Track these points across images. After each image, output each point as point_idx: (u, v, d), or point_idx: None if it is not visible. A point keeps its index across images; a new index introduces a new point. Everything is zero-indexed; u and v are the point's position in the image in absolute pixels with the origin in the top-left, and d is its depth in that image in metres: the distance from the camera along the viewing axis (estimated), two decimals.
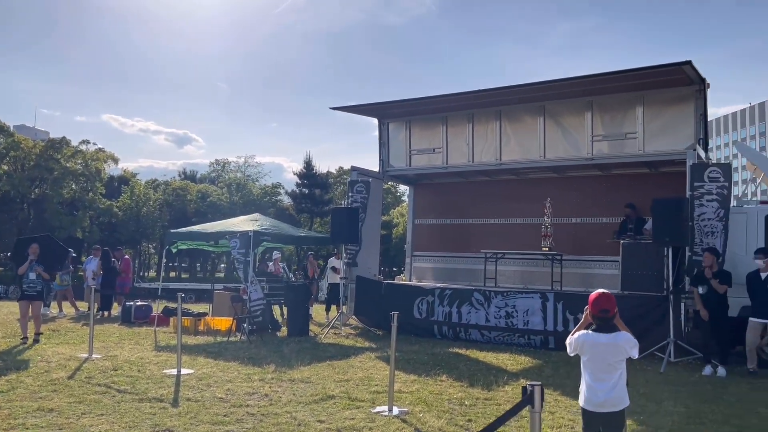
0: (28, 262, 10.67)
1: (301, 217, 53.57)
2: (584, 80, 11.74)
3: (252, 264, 12.51)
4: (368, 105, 14.27)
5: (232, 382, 7.71)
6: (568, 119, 13.16)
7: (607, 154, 12.72)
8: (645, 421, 6.33)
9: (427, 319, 12.65)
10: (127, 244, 57.37)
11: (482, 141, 14.16)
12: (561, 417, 6.39)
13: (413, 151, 15.10)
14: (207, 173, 74.53)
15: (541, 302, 11.51)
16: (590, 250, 13.48)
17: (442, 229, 15.81)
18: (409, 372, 8.66)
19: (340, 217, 13.48)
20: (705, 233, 10.45)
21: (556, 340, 11.19)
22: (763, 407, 7.02)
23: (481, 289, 12.37)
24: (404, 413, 6.41)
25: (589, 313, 4.44)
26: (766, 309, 9.01)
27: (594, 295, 4.43)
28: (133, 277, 39.87)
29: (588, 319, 4.47)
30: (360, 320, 13.81)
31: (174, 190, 60.46)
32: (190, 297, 35.02)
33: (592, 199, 13.85)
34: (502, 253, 13.59)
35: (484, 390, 7.61)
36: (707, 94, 11.44)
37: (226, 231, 13.03)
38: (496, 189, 15.19)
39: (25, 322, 10.73)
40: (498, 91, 12.69)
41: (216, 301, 15.00)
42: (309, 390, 7.34)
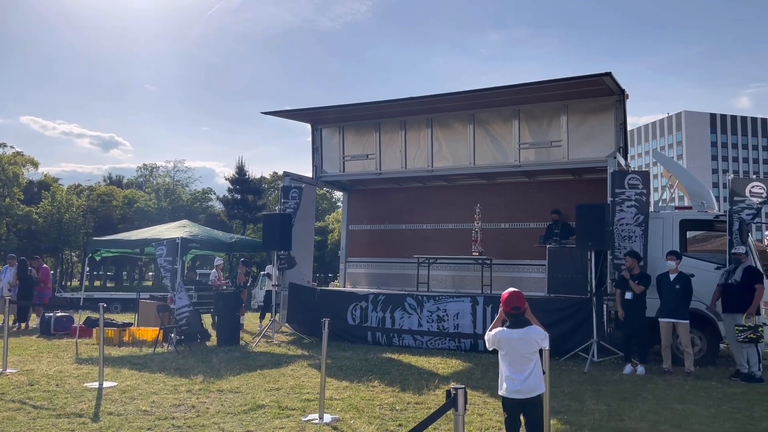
0: None
1: (233, 224, 52.54)
2: (511, 90, 12.09)
3: (180, 272, 12.16)
4: (301, 110, 14.18)
5: (157, 394, 7.46)
6: (497, 127, 13.52)
7: (533, 162, 13.14)
8: (569, 419, 6.54)
9: (361, 325, 12.66)
10: (48, 252, 54.69)
11: (415, 148, 14.34)
12: (489, 419, 6.52)
13: (347, 157, 15.12)
14: (134, 178, 72.08)
15: (471, 306, 11.74)
16: (518, 254, 13.87)
17: (376, 235, 15.89)
18: (341, 379, 8.63)
19: (272, 224, 13.31)
20: (623, 237, 10.94)
21: (485, 343, 11.40)
22: (677, 403, 7.40)
23: (414, 294, 12.50)
24: (335, 420, 6.38)
25: (502, 310, 4.81)
26: (672, 309, 9.48)
27: (506, 294, 4.81)
28: (54, 287, 38.03)
29: (502, 315, 4.85)
30: (293, 328, 13.65)
31: (99, 196, 58.10)
32: (116, 307, 33.60)
33: (520, 205, 14.27)
34: (435, 258, 13.79)
35: (415, 394, 7.68)
36: (626, 104, 12.01)
37: (153, 238, 12.62)
38: (429, 195, 15.40)
39: None
40: (429, 99, 12.89)
41: (142, 310, 14.49)
42: (238, 400, 7.20)
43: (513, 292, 4.77)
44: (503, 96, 12.55)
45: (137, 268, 67.23)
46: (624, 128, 12.15)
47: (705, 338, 10.32)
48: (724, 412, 6.97)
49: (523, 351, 4.67)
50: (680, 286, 9.46)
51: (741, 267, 9.21)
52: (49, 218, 51.38)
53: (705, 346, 10.32)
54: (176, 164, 69.37)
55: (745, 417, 6.76)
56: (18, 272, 15.55)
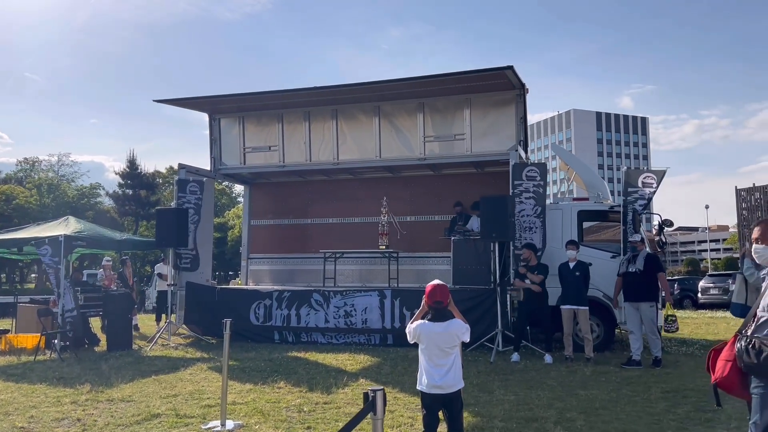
0: None
1: (124, 220, 49.79)
2: (415, 81, 12.03)
3: (63, 272, 11.14)
4: (197, 98, 13.41)
5: (37, 407, 6.71)
6: (402, 120, 13.43)
7: (438, 155, 13.17)
8: (480, 411, 6.50)
9: (265, 324, 12.19)
10: None
11: (319, 140, 13.98)
12: (401, 415, 6.36)
13: (248, 149, 14.51)
14: (13, 173, 66.50)
15: (379, 299, 11.59)
16: (424, 247, 13.89)
17: (280, 230, 15.40)
18: (244, 381, 8.18)
19: (167, 219, 12.54)
20: (524, 228, 11.19)
21: (394, 336, 11.33)
22: (580, 389, 7.58)
23: (320, 290, 12.19)
24: (239, 427, 5.97)
25: (425, 303, 4.67)
26: (572, 296, 9.80)
27: (430, 286, 4.66)
28: None
29: (425, 308, 4.69)
30: (191, 329, 12.94)
31: None
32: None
33: (425, 198, 14.29)
34: (341, 253, 13.53)
35: (323, 394, 7.39)
36: (527, 98, 12.27)
37: (32, 237, 11.49)
38: (335, 188, 15.10)
39: None
40: (333, 89, 12.59)
41: (21, 315, 13.21)
42: (130, 410, 6.60)
43: (437, 284, 4.63)
44: (408, 88, 12.47)
45: (17, 270, 62.15)
46: (524, 122, 12.42)
47: (602, 325, 10.75)
48: (624, 396, 7.21)
49: (443, 345, 4.53)
50: (580, 274, 9.77)
51: (641, 255, 9.38)
52: None
53: (602, 332, 10.75)
54: (61, 158, 64.65)
55: (643, 400, 7.01)
56: None
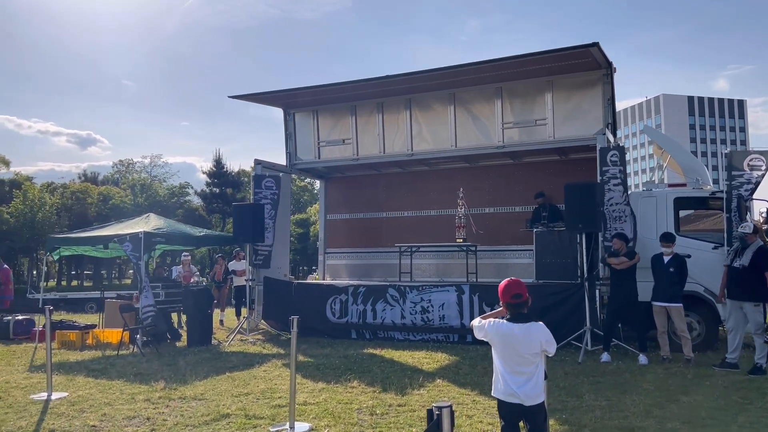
0: None
1: (212, 218, 51.52)
2: (493, 65, 11.39)
3: (145, 268, 11.34)
4: (271, 93, 13.35)
5: (111, 405, 6.71)
6: (479, 107, 12.81)
7: (517, 142, 12.46)
8: (567, 419, 5.91)
9: (341, 320, 11.96)
10: (22, 252, 53.23)
11: (393, 131, 13.59)
12: (480, 421, 5.87)
13: (322, 143, 14.34)
14: (110, 174, 70.48)
15: (457, 295, 11.08)
16: (504, 239, 13.24)
17: (356, 224, 15.16)
18: (317, 380, 7.92)
19: (243, 215, 12.54)
20: (614, 218, 10.36)
21: (473, 334, 10.78)
22: (681, 395, 6.81)
23: (396, 285, 11.82)
24: (307, 430, 5.68)
25: (502, 302, 4.17)
26: (664, 292, 8.90)
27: (504, 283, 4.18)
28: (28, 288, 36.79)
29: (503, 312, 4.20)
30: (269, 324, 12.92)
31: (73, 194, 56.60)
32: (91, 307, 32.57)
33: (505, 188, 13.62)
34: (417, 247, 13.11)
35: (397, 395, 7.00)
36: (614, 78, 11.36)
37: (115, 234, 11.77)
38: (409, 180, 14.69)
39: None
40: (407, 77, 12.14)
41: (108, 310, 13.65)
42: (201, 409, 6.47)
43: (511, 279, 4.17)
44: (485, 72, 11.83)
45: (115, 267, 65.93)
46: (612, 104, 11.51)
47: (703, 322, 9.77)
48: (735, 404, 6.39)
49: (522, 350, 3.96)
50: (674, 269, 8.87)
51: (751, 248, 8.21)
52: (21, 217, 49.93)
53: (704, 330, 9.77)
54: (153, 159, 67.97)
55: (758, 409, 6.17)
56: None
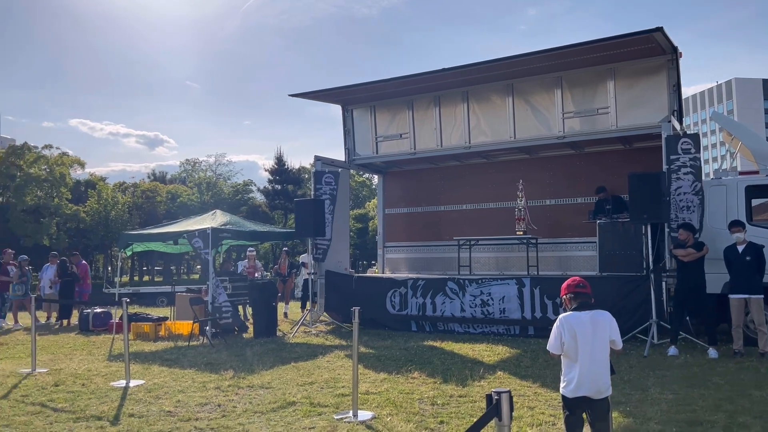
0: None
1: (275, 214, 52.71)
2: (552, 54, 11.19)
3: (212, 262, 11.79)
4: (330, 90, 13.57)
5: (184, 392, 7.05)
6: (538, 97, 12.64)
7: (579, 132, 12.23)
8: (632, 411, 5.84)
9: (401, 312, 12.09)
10: (97, 249, 55.99)
11: (450, 124, 13.59)
12: (541, 412, 5.87)
13: (380, 138, 14.48)
14: (177, 174, 73.07)
15: (518, 288, 11.01)
16: (566, 231, 13.04)
17: (414, 218, 15.24)
18: (378, 370, 8.07)
19: (305, 210, 12.83)
20: (681, 208, 10.05)
21: (535, 327, 10.72)
22: (754, 389, 6.59)
23: (455, 278, 11.84)
24: (370, 418, 5.82)
25: (567, 296, 4.21)
26: (743, 283, 8.58)
27: (567, 281, 4.26)
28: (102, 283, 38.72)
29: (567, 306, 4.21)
30: (331, 317, 13.19)
31: (143, 192, 59.06)
32: (162, 300, 33.96)
33: (566, 179, 13.39)
34: (476, 240, 13.08)
35: (458, 386, 7.06)
36: (680, 63, 10.99)
37: (183, 230, 12.28)
38: (467, 173, 14.64)
39: None
40: (464, 69, 12.09)
41: (178, 303, 14.25)
42: (268, 397, 6.72)
43: (573, 277, 4.26)
44: (544, 62, 11.65)
45: (184, 262, 68.35)
46: (678, 90, 11.14)
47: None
48: None
49: (591, 338, 3.99)
50: (751, 258, 8.54)
51: None
52: (96, 216, 52.50)
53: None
54: (218, 158, 69.96)
55: None
56: (59, 270, 15.56)
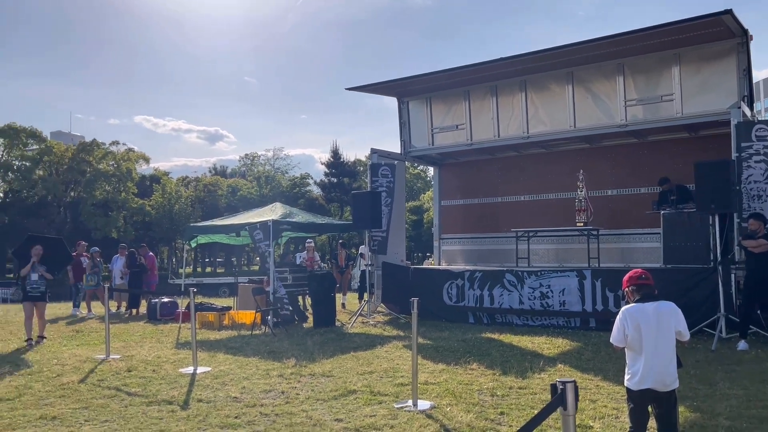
0: (30, 263, 10.41)
1: (331, 207, 53.38)
2: (614, 40, 10.92)
3: (273, 254, 12.09)
4: (385, 82, 13.66)
5: (249, 379, 7.29)
6: (599, 85, 12.36)
7: (642, 120, 11.91)
8: (699, 406, 5.68)
9: (458, 304, 12.08)
10: (162, 241, 58.10)
11: (508, 114, 13.45)
12: (604, 405, 5.78)
13: (435, 130, 14.47)
14: (237, 168, 74.94)
15: (578, 280, 10.82)
16: (628, 223, 12.74)
17: (471, 210, 15.18)
18: (437, 361, 8.12)
19: (362, 202, 12.97)
20: (752, 197, 9.68)
21: (596, 320, 10.53)
22: None
23: (514, 270, 11.74)
24: (430, 407, 5.88)
25: (629, 288, 4.16)
26: None
27: (629, 273, 4.22)
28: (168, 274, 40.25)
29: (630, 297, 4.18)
30: (388, 307, 13.32)
31: (205, 186, 60.90)
32: (224, 291, 35.08)
33: (629, 169, 13.06)
34: (534, 231, 12.93)
35: (518, 378, 7.03)
36: (750, 46, 10.52)
37: (246, 222, 12.63)
38: (525, 164, 14.47)
39: (29, 323, 10.45)
40: (522, 58, 11.94)
41: (241, 294, 14.69)
42: (329, 385, 6.87)
43: (635, 269, 4.21)
44: (605, 48, 11.38)
45: (244, 254, 70.11)
46: (748, 74, 10.68)
47: None
48: None
49: (657, 329, 3.93)
50: None
51: None
52: (161, 209, 54.47)
53: None
54: (276, 152, 71.38)
55: None
56: (128, 261, 16.25)
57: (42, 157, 50.73)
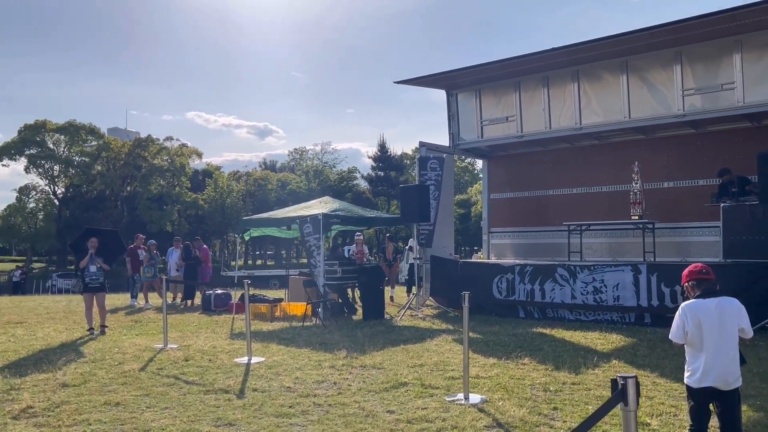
0: (88, 255, 10.80)
1: (378, 200, 53.59)
2: (672, 27, 10.57)
3: (323, 247, 12.23)
4: (434, 75, 13.60)
5: (301, 369, 7.42)
6: (655, 74, 11.99)
7: (700, 109, 11.50)
8: (763, 405, 5.50)
9: (508, 299, 11.97)
10: (214, 234, 59.57)
11: (559, 105, 13.19)
12: (661, 403, 5.65)
13: (485, 122, 14.32)
14: (286, 162, 76.05)
15: (633, 275, 10.57)
16: (685, 216, 12.35)
17: (520, 203, 14.99)
18: (488, 355, 8.08)
19: (410, 195, 12.97)
20: None
21: (652, 315, 10.27)
22: None
23: (566, 264, 11.55)
24: (482, 401, 5.86)
25: (689, 283, 4.03)
26: None
27: (689, 267, 4.09)
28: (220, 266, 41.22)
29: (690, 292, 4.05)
30: (437, 301, 13.31)
31: (255, 181, 62.05)
32: (274, 283, 35.69)
33: (686, 160, 12.65)
34: (587, 225, 12.67)
35: (571, 373, 6.94)
36: None
37: (297, 215, 12.82)
38: (577, 156, 14.19)
39: (90, 313, 10.88)
40: (575, 47, 11.70)
41: (291, 286, 14.92)
42: (380, 377, 6.93)
43: (695, 263, 4.08)
44: (662, 36, 11.03)
45: (294, 247, 71.17)
46: None
47: None
48: None
49: (719, 326, 3.81)
50: None
51: None
52: (213, 203, 55.81)
53: None
54: (323, 147, 72.09)
55: None
56: (183, 253, 16.69)
57: (100, 153, 52.66)
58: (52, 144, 53.30)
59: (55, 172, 54.02)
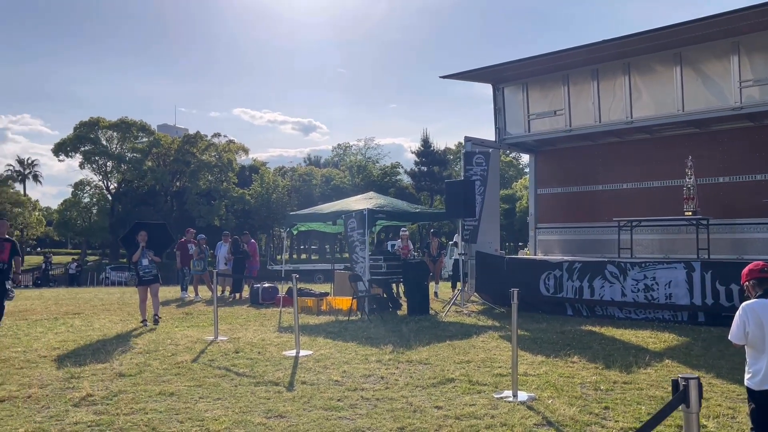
0: (139, 249, 11.11)
1: (421, 195, 53.52)
2: (729, 17, 10.20)
3: (367, 242, 12.30)
4: (480, 69, 13.47)
5: (349, 363, 7.49)
6: (710, 65, 11.60)
7: (759, 102, 11.06)
8: None
9: (556, 296, 11.80)
10: (260, 229, 60.56)
11: (609, 98, 12.90)
12: (718, 405, 5.49)
13: (532, 116, 14.12)
14: (330, 158, 76.61)
15: (686, 273, 10.27)
16: (742, 212, 11.92)
17: (568, 198, 14.73)
18: (536, 353, 7.99)
19: (455, 191, 12.91)
20: None
21: (706, 314, 9.97)
22: None
23: (616, 261, 11.31)
24: (531, 399, 5.81)
25: (749, 282, 3.90)
26: None
27: (749, 266, 3.96)
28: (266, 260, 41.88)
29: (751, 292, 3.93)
30: (482, 297, 13.22)
31: (300, 176, 62.74)
32: (319, 278, 36.14)
33: (742, 154, 12.19)
34: (638, 221, 12.38)
35: (622, 372, 6.80)
36: None
37: (342, 210, 12.92)
38: (628, 150, 13.84)
39: (144, 306, 11.21)
40: (626, 39, 11.41)
41: (337, 280, 15.04)
42: (427, 372, 6.94)
43: (756, 262, 3.94)
44: (718, 27, 10.66)
45: (337, 242, 71.76)
46: None
47: None
48: None
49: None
50: None
51: None
52: (260, 198, 56.70)
53: None
54: (367, 142, 72.38)
55: None
56: (232, 247, 17.03)
57: (151, 149, 54.11)
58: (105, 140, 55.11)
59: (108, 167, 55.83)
